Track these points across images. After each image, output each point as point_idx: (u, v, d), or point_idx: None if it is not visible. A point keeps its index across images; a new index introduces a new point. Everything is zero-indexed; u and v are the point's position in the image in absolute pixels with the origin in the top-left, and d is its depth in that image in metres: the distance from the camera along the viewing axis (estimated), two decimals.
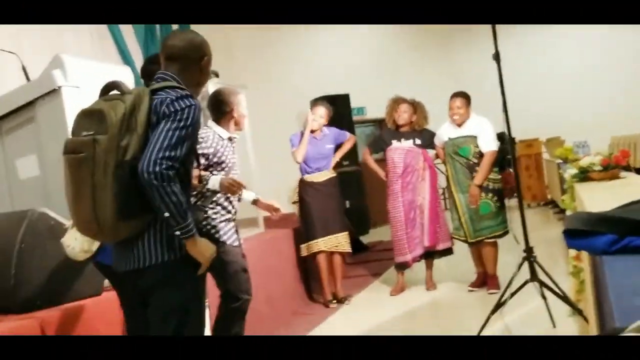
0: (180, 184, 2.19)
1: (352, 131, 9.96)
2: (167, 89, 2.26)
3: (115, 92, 2.28)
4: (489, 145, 5.04)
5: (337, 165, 5.74)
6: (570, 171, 4.02)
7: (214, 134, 3.53)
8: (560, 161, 5.92)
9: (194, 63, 2.41)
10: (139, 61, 7.78)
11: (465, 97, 5.16)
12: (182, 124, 2.18)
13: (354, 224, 7.56)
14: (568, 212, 3.96)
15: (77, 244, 2.77)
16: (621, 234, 1.56)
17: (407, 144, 5.40)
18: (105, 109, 2.15)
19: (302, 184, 5.52)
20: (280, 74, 11.36)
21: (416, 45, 12.20)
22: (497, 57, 3.83)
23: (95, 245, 2.74)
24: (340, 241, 5.46)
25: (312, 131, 5.44)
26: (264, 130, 9.47)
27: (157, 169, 2.09)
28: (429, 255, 5.49)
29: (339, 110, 9.64)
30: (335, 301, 5.45)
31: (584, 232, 1.63)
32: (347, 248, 5.53)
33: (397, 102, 5.49)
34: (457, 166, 5.15)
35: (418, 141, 5.40)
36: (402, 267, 5.50)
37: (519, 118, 10.53)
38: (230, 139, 3.58)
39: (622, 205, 1.73)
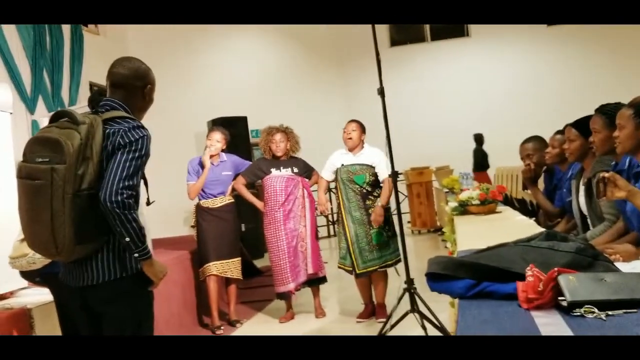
0: None
1: (250, 152, 10.02)
2: (118, 119, 2.38)
3: (64, 119, 2.36)
4: (385, 173, 5.05)
5: (234, 189, 5.69)
6: (451, 204, 4.18)
7: None
8: (447, 190, 6.11)
9: (138, 90, 2.55)
10: (25, 72, 7.44)
11: (359, 124, 5.23)
12: (137, 154, 2.33)
13: (249, 247, 7.52)
14: (448, 244, 4.11)
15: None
16: (477, 279, 1.62)
17: (286, 172, 5.40)
18: (61, 139, 2.24)
19: (199, 208, 5.51)
20: (177, 95, 11.20)
21: (312, 68, 12.42)
22: (381, 92, 3.94)
23: None
24: (231, 267, 5.44)
25: (210, 156, 5.41)
26: (160, 152, 9.30)
27: (119, 198, 2.25)
28: (313, 282, 5.49)
29: (238, 132, 9.67)
30: (222, 328, 5.39)
31: (444, 276, 1.68)
32: (238, 275, 5.52)
33: (271, 132, 5.47)
34: (350, 194, 5.11)
35: (295, 169, 5.42)
36: (284, 296, 5.48)
37: (413, 146, 11.05)
38: None
39: (481, 250, 1.80)
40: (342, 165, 5.19)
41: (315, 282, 5.50)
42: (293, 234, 5.35)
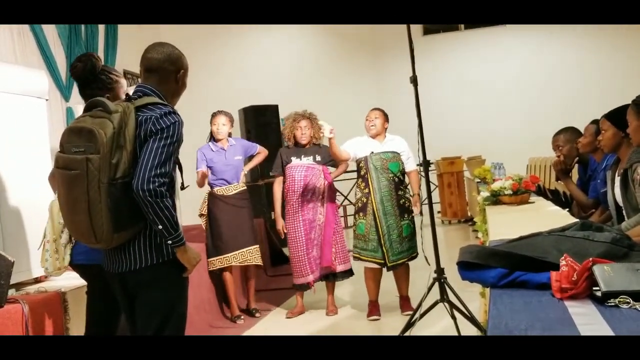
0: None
1: (280, 141, 10.04)
2: (151, 106, 2.41)
3: (98, 108, 2.40)
4: (412, 164, 5.07)
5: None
6: (482, 194, 4.15)
7: None
8: (479, 180, 6.06)
9: (171, 76, 2.56)
10: (60, 60, 7.55)
11: (383, 112, 5.14)
12: (169, 141, 2.36)
13: (277, 235, 7.53)
14: (480, 234, 4.08)
15: (49, 264, 3.08)
16: (510, 268, 1.60)
17: (307, 160, 5.25)
18: (94, 129, 2.29)
19: (211, 196, 5.36)
20: (208, 83, 11.26)
21: (344, 57, 12.39)
22: (414, 80, 3.91)
23: (67, 259, 3.05)
24: (253, 254, 5.32)
25: (218, 140, 5.32)
26: (190, 140, 9.36)
27: (151, 186, 2.29)
28: (330, 277, 5.32)
29: (269, 120, 9.69)
30: (242, 318, 5.34)
31: (476, 265, 1.67)
32: (258, 261, 5.39)
33: (296, 119, 5.31)
34: (383, 182, 4.93)
35: (318, 157, 5.25)
36: (303, 288, 5.34)
37: (444, 136, 10.98)
38: None
39: (514, 239, 1.78)
40: (373, 152, 4.99)
41: (338, 276, 5.32)
42: (312, 225, 5.20)
